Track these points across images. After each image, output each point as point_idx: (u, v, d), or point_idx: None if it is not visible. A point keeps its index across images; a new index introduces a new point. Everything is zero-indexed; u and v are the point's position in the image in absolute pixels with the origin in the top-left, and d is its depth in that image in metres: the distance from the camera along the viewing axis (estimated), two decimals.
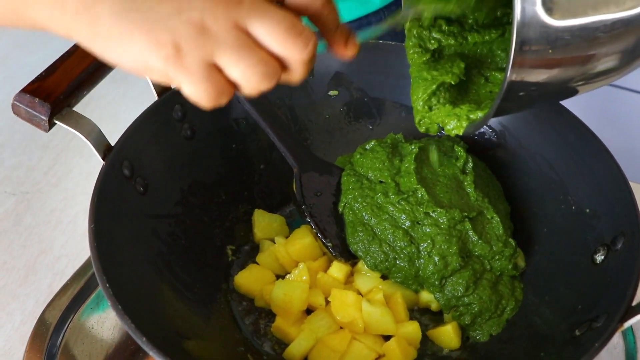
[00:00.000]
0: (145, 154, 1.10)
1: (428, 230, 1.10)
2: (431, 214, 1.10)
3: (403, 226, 1.11)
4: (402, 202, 1.12)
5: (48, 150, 1.64)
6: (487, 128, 1.24)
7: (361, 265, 1.15)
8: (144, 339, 0.84)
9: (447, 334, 1.09)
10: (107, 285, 0.89)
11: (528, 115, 1.18)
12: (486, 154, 1.25)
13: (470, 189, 1.15)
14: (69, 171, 1.59)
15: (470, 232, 1.10)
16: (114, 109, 1.75)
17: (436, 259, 1.08)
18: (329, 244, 1.14)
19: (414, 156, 1.15)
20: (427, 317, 1.14)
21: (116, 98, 1.79)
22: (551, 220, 1.15)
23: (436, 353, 1.10)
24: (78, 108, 1.03)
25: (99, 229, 0.95)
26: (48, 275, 1.36)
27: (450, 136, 1.23)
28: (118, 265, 0.96)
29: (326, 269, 1.16)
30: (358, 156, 1.22)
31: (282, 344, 1.10)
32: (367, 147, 1.23)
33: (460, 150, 1.19)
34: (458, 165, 1.17)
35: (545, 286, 1.10)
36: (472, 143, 1.25)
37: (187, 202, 1.18)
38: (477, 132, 1.26)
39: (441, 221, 1.10)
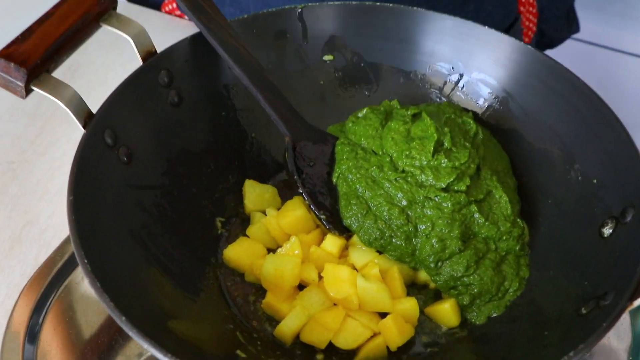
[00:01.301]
0: (129, 122, 1.05)
1: (429, 212, 1.04)
2: (434, 197, 1.05)
3: (399, 204, 1.06)
4: (400, 180, 1.06)
5: (34, 118, 1.58)
6: (489, 94, 1.19)
7: (356, 238, 1.10)
8: (124, 318, 0.80)
9: (445, 312, 1.04)
10: (86, 260, 0.84)
11: (533, 81, 1.13)
12: (488, 122, 1.19)
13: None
14: (56, 140, 1.53)
15: (477, 215, 1.05)
16: (102, 75, 1.69)
17: (434, 241, 1.03)
18: (322, 217, 1.09)
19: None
20: (425, 292, 1.10)
21: (105, 64, 1.72)
22: (556, 191, 1.10)
23: (434, 331, 1.05)
24: (65, 74, 0.98)
25: (78, 201, 0.91)
26: (34, 247, 1.31)
27: (451, 103, 1.19)
28: (99, 239, 0.91)
29: (319, 242, 1.11)
30: (350, 124, 1.17)
31: (273, 321, 1.06)
32: (360, 114, 1.18)
33: (469, 122, 1.13)
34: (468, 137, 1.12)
35: (550, 261, 1.05)
36: (473, 110, 1.21)
37: (174, 172, 1.13)
38: (477, 99, 1.21)
39: (445, 205, 1.04)
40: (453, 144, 1.07)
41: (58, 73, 1.00)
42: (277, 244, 1.14)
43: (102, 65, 1.72)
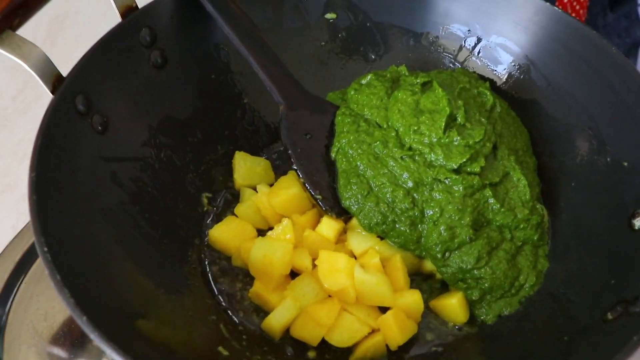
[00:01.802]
0: (105, 87, 0.95)
1: (438, 196, 0.94)
2: (444, 180, 0.94)
3: (404, 186, 0.95)
4: (406, 159, 0.95)
5: (17, 73, 1.49)
6: (509, 61, 1.08)
7: (356, 221, 0.99)
8: (85, 318, 0.70)
9: (452, 307, 0.94)
10: (46, 249, 0.74)
11: (559, 48, 1.01)
12: (506, 92, 1.08)
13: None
14: (40, 96, 1.45)
15: (491, 200, 0.94)
16: (92, 28, 1.58)
17: (442, 228, 0.93)
18: (318, 197, 0.99)
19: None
20: (431, 283, 1.00)
21: (95, 15, 1.61)
22: (581, 173, 0.99)
23: (439, 327, 0.96)
24: (51, 26, 0.87)
25: (42, 178, 0.81)
26: (12, 215, 1.25)
27: (466, 70, 1.08)
28: (65, 222, 0.81)
29: (315, 225, 1.01)
30: (352, 92, 1.06)
31: (261, 311, 0.96)
32: (363, 81, 1.07)
33: (485, 93, 1.02)
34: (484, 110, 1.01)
35: (571, 252, 0.95)
36: (490, 79, 1.10)
37: (156, 142, 1.03)
38: (495, 66, 1.10)
39: (456, 189, 0.93)
40: (467, 119, 0.96)
41: (42, 23, 0.90)
42: (268, 224, 1.04)
43: (91, 17, 1.60)
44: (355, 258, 0.97)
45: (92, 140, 0.92)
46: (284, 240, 0.96)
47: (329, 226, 0.98)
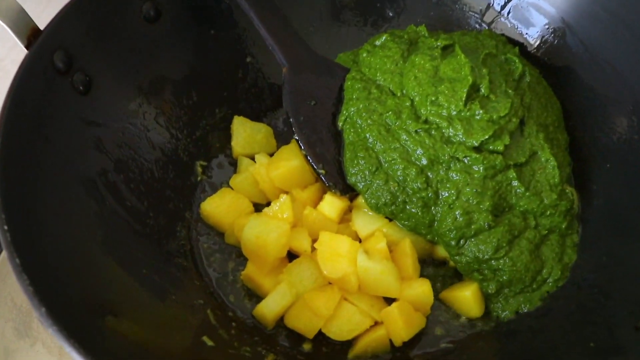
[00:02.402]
0: (89, 42, 0.86)
1: (455, 177, 0.85)
2: (462, 158, 0.84)
3: (418, 163, 0.86)
4: (421, 133, 0.85)
5: None
6: (543, 22, 0.97)
7: (362, 200, 0.90)
8: (44, 309, 0.62)
9: (466, 300, 0.85)
10: (6, 227, 0.66)
11: (599, 11, 0.91)
12: (538, 58, 0.98)
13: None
14: None
15: (515, 183, 0.85)
16: None
17: (457, 213, 0.84)
18: (321, 171, 0.89)
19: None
20: (444, 270, 0.90)
21: None
22: (618, 153, 0.89)
23: (450, 321, 0.87)
24: None
25: (11, 145, 0.72)
26: None
27: (493, 33, 0.98)
28: (35, 196, 0.73)
29: (317, 202, 0.91)
30: (365, 54, 0.96)
31: (254, 296, 0.88)
32: (378, 42, 0.97)
33: (514, 60, 0.91)
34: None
35: (603, 244, 0.86)
36: (520, 43, 1.00)
37: (145, 104, 0.94)
38: (527, 29, 0.99)
39: (475, 169, 0.84)
40: (492, 90, 0.85)
41: None
42: (266, 198, 0.95)
43: None
44: (360, 241, 0.88)
45: (72, 102, 0.83)
46: (280, 220, 0.87)
47: (332, 204, 0.89)
